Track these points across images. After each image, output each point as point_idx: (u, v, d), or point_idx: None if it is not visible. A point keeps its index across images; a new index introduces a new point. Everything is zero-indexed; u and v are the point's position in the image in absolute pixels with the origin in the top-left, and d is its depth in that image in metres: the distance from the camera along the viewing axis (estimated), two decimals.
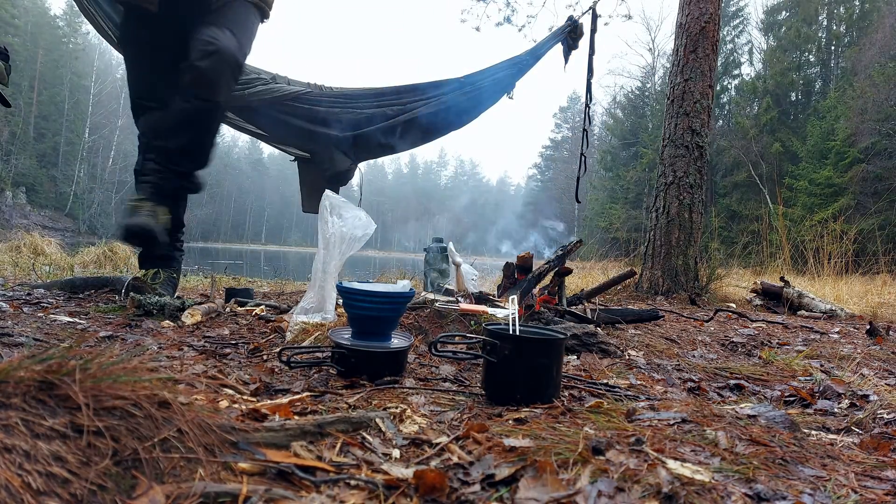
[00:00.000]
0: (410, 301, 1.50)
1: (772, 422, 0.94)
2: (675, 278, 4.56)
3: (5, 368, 0.57)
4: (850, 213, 15.86)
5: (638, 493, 0.62)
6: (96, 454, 0.55)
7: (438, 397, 1.14)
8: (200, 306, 2.08)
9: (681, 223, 4.66)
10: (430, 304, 2.01)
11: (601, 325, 2.27)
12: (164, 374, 0.67)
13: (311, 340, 1.61)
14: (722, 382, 1.57)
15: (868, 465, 0.83)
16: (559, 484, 0.63)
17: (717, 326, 2.79)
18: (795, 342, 2.48)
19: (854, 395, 1.41)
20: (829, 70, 30.80)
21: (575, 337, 1.79)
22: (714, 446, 0.79)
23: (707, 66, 4.74)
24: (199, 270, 6.50)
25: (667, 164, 4.79)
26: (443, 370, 1.42)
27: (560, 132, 50.53)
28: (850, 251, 6.29)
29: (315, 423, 0.75)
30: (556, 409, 1.01)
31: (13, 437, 0.50)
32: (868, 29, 25.79)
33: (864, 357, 2.11)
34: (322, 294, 1.99)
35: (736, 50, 34.23)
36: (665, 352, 1.96)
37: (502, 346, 1.11)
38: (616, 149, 37.10)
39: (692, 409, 0.96)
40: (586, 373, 1.50)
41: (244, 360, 1.43)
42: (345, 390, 1.15)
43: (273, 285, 4.70)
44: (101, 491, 0.52)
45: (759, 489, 0.66)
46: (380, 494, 0.62)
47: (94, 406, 0.57)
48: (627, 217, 26.72)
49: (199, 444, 0.62)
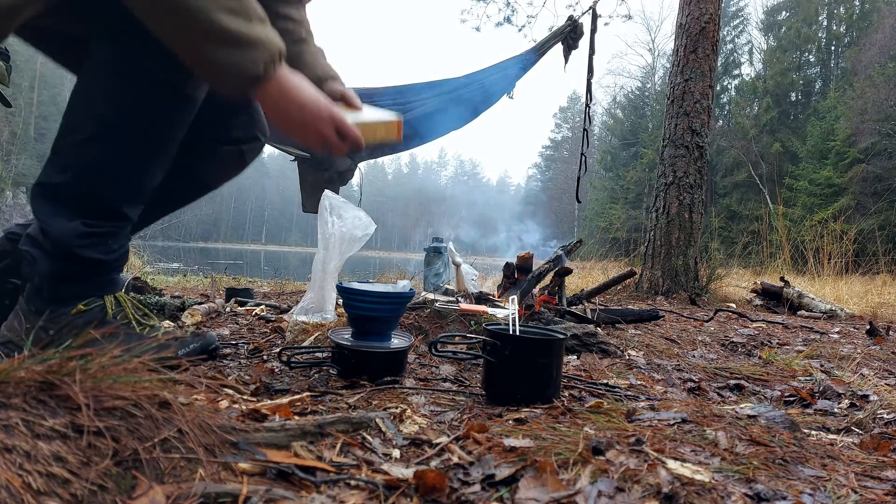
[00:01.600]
0: (410, 301, 1.50)
1: (772, 422, 0.94)
2: (675, 278, 4.57)
3: (6, 368, 0.57)
4: (850, 213, 15.87)
5: (638, 493, 0.62)
6: (96, 454, 0.55)
7: (438, 397, 1.14)
8: (200, 306, 2.09)
9: (681, 223, 4.66)
10: (430, 304, 2.01)
11: (601, 325, 2.27)
12: (165, 374, 0.67)
13: (311, 340, 1.61)
14: (722, 382, 1.57)
15: (868, 465, 0.83)
16: (559, 484, 0.63)
17: (717, 326, 2.79)
18: (795, 342, 2.48)
19: (854, 395, 1.41)
20: (829, 70, 30.82)
21: (575, 337, 1.79)
22: (714, 446, 0.79)
23: (707, 66, 4.75)
24: (199, 270, 6.50)
25: (667, 164, 4.79)
26: (443, 370, 1.42)
27: (560, 132, 50.59)
28: (850, 251, 6.30)
29: (315, 424, 0.75)
30: (556, 409, 1.01)
31: (13, 438, 0.50)
32: (868, 29, 25.82)
33: (864, 357, 2.11)
34: (322, 294, 1.99)
35: (736, 50, 34.27)
36: (665, 352, 1.96)
37: (502, 346, 1.11)
38: (616, 149, 37.15)
39: (692, 409, 0.96)
40: (586, 373, 1.50)
41: (244, 360, 1.43)
42: (345, 390, 1.15)
43: (273, 285, 4.70)
44: (102, 491, 0.52)
45: (759, 489, 0.67)
46: (380, 494, 0.62)
47: (94, 406, 0.57)
48: (627, 217, 26.74)
49: (199, 444, 0.62)
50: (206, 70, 0.97)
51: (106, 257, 1.15)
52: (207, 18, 0.91)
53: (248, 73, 0.96)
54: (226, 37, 0.93)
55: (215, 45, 0.94)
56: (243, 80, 0.97)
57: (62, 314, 1.10)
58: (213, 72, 0.97)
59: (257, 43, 0.96)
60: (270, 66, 0.98)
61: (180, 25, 0.94)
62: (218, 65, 0.95)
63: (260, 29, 0.97)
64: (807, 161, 25.10)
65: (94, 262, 1.14)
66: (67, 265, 1.09)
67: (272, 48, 0.98)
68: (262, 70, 0.97)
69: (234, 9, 0.93)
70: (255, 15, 0.97)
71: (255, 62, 0.96)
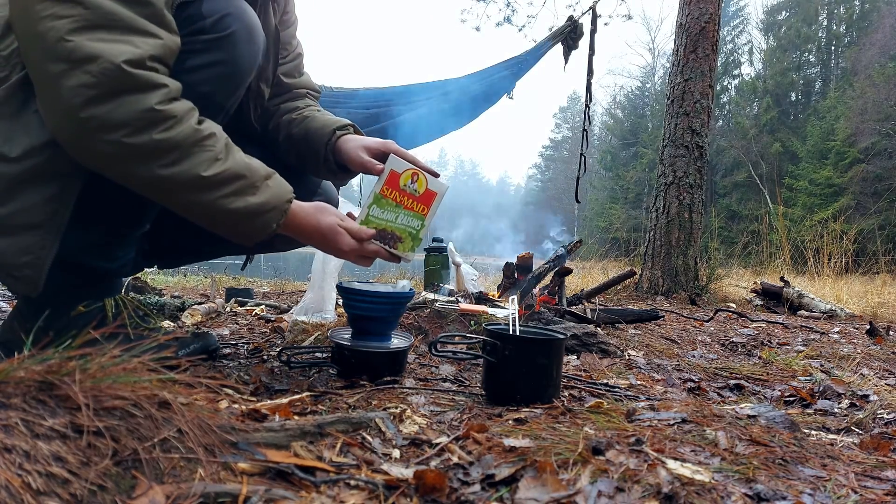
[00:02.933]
0: (410, 301, 1.50)
1: (772, 422, 0.94)
2: (675, 278, 4.57)
3: (5, 368, 0.57)
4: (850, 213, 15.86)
5: (638, 493, 0.62)
6: (96, 454, 0.55)
7: (438, 397, 1.14)
8: (200, 306, 2.09)
9: (681, 223, 4.66)
10: (430, 304, 2.01)
11: (601, 325, 2.27)
12: (164, 374, 0.67)
13: (311, 340, 1.61)
14: (722, 382, 1.57)
15: (868, 465, 0.83)
16: (559, 484, 0.63)
17: (717, 326, 2.79)
18: (795, 342, 2.48)
19: (854, 395, 1.41)
20: (829, 70, 30.81)
21: (575, 337, 1.79)
22: (714, 446, 0.79)
23: (707, 66, 4.75)
24: (198, 270, 6.49)
25: (667, 164, 4.79)
26: (443, 370, 1.42)
27: (560, 132, 50.55)
28: (850, 251, 6.30)
29: (315, 424, 0.75)
30: (556, 409, 1.01)
31: (13, 438, 0.50)
32: (868, 29, 25.81)
33: (864, 357, 2.11)
34: (322, 294, 1.99)
35: (736, 50, 34.26)
36: (665, 352, 1.96)
37: (502, 347, 1.11)
38: (616, 149, 37.13)
39: (692, 409, 0.96)
40: (586, 373, 1.50)
41: (244, 360, 1.43)
42: (345, 390, 1.15)
43: (273, 285, 4.70)
44: (101, 491, 0.52)
45: (759, 489, 0.66)
46: (380, 494, 0.62)
47: (94, 406, 0.57)
48: (627, 217, 26.72)
49: (198, 444, 0.62)
50: (232, 237, 1.05)
51: (110, 265, 1.16)
52: (220, 209, 0.98)
53: (266, 234, 1.05)
54: (238, 217, 1.00)
55: (231, 225, 1.02)
56: (263, 238, 1.06)
57: (62, 315, 1.10)
58: (237, 240, 1.06)
59: (268, 208, 1.03)
60: (283, 216, 1.05)
61: (193, 216, 1.01)
62: (238, 236, 1.05)
63: (268, 191, 1.03)
64: (807, 161, 25.09)
65: (99, 269, 1.15)
66: (71, 271, 1.10)
67: (281, 203, 1.05)
68: (275, 227, 1.05)
69: (240, 190, 0.99)
70: (260, 181, 1.02)
71: (269, 224, 1.04)
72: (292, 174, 1.17)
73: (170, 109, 0.90)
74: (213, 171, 0.95)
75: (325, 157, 1.29)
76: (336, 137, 1.28)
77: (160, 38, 0.91)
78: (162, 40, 0.91)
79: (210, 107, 1.04)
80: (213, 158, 0.95)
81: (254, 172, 1.01)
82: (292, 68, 1.41)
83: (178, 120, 0.91)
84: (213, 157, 0.95)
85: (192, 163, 0.93)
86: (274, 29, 1.29)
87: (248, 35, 1.06)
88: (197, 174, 0.94)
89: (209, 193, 0.96)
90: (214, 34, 1.02)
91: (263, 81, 1.30)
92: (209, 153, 0.95)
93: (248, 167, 1.01)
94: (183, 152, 0.92)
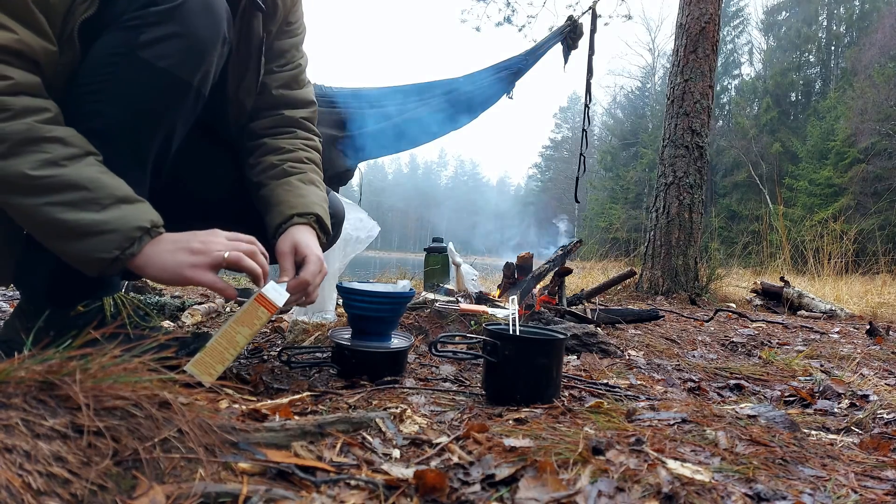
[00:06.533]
0: (410, 301, 1.50)
1: (772, 422, 0.94)
2: (675, 278, 4.57)
3: (6, 368, 0.57)
4: (850, 213, 15.88)
5: (638, 493, 0.62)
6: (97, 454, 0.55)
7: (438, 397, 1.14)
8: (200, 306, 2.09)
9: (681, 223, 4.66)
10: (430, 304, 2.01)
11: (601, 325, 2.27)
12: (165, 374, 0.67)
13: (311, 340, 1.61)
14: (722, 382, 1.57)
15: (868, 465, 0.83)
16: (559, 484, 0.63)
17: (717, 326, 2.79)
18: (795, 342, 2.48)
19: (854, 395, 1.41)
20: (829, 70, 30.82)
21: (575, 337, 1.79)
22: (714, 446, 0.79)
23: (707, 67, 4.75)
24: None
25: (667, 165, 4.79)
26: (443, 370, 1.42)
27: (560, 132, 50.56)
28: (850, 251, 6.30)
29: (315, 424, 0.75)
30: (556, 409, 1.01)
31: (14, 438, 0.50)
32: (868, 29, 25.82)
33: (864, 357, 2.11)
34: (322, 294, 1.99)
35: (736, 50, 34.28)
36: (665, 352, 1.96)
37: (502, 347, 1.11)
38: (616, 149, 37.14)
39: (692, 409, 0.96)
40: (586, 373, 1.50)
41: (244, 360, 1.43)
42: (345, 390, 1.15)
43: None
44: (102, 491, 0.52)
45: (759, 489, 0.67)
46: (380, 494, 0.62)
47: (94, 406, 0.57)
48: (627, 217, 26.72)
49: (199, 444, 0.62)
50: (71, 260, 0.96)
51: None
52: (46, 217, 0.90)
53: (100, 259, 0.93)
54: (67, 231, 0.91)
55: (60, 239, 0.93)
56: (97, 265, 0.94)
57: (62, 315, 1.10)
58: (69, 259, 0.96)
59: (106, 229, 0.92)
60: (129, 245, 0.94)
61: (25, 223, 0.94)
62: (68, 255, 0.95)
63: (117, 212, 0.93)
64: (807, 161, 25.10)
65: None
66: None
67: (129, 230, 0.94)
68: (116, 254, 0.93)
69: (75, 202, 0.90)
70: (109, 199, 0.93)
71: (107, 249, 0.93)
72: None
73: (5, 101, 0.87)
74: (43, 172, 0.88)
75: (273, 235, 1.20)
76: (291, 224, 1.19)
77: (15, 33, 0.88)
78: (17, 35, 0.88)
79: (176, 84, 1.00)
80: (46, 161, 0.89)
81: (102, 189, 0.92)
82: (290, 78, 1.34)
83: (12, 114, 0.87)
84: (48, 161, 0.89)
85: (20, 160, 0.87)
86: (259, 39, 1.23)
87: (202, 4, 1.01)
88: (21, 171, 0.87)
89: (35, 197, 0.89)
90: (165, 5, 0.98)
91: (244, 92, 1.25)
92: (43, 155, 0.89)
93: (95, 182, 0.92)
94: (11, 147, 0.87)
